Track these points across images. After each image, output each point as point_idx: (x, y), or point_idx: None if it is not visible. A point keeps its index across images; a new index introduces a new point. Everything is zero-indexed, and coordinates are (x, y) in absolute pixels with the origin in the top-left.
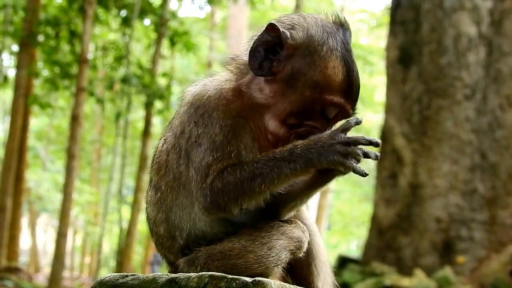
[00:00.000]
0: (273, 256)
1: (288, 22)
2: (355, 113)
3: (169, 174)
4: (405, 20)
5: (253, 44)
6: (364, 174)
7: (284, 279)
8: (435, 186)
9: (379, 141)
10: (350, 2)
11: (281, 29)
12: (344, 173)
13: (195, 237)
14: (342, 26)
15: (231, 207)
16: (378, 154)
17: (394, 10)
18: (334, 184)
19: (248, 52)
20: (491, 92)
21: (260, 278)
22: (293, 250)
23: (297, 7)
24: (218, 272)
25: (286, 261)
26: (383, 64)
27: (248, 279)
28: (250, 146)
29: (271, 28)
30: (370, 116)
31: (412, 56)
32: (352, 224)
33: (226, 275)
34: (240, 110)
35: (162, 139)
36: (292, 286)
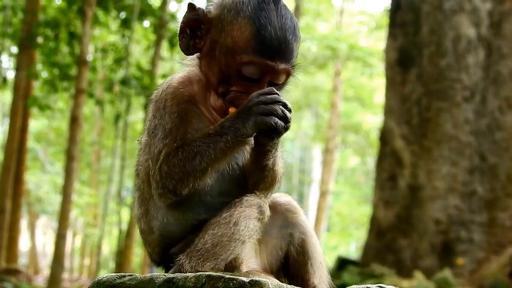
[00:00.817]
0: (243, 229)
1: (212, 1)
2: (289, 68)
3: (143, 172)
4: (404, 22)
5: (179, 27)
6: (284, 128)
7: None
8: (434, 188)
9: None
10: (350, 4)
11: (198, 7)
12: (271, 135)
13: (168, 226)
14: None
15: (180, 188)
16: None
17: (394, 12)
18: (334, 186)
19: (177, 35)
20: (491, 94)
21: (258, 278)
22: (257, 217)
23: (297, 8)
24: (205, 268)
25: (256, 230)
26: (382, 66)
27: (246, 279)
28: (201, 128)
29: (190, 7)
30: (369, 118)
31: (411, 58)
32: (351, 225)
33: (224, 275)
34: (188, 96)
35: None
36: (289, 286)
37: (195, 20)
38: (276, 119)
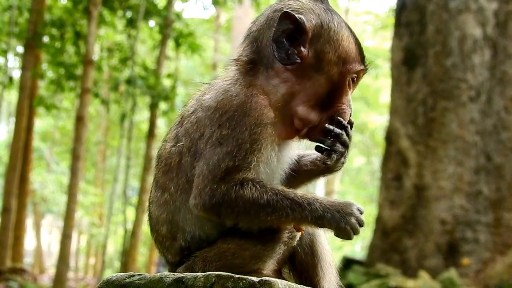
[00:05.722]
0: (268, 250)
1: (293, 8)
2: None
3: (181, 177)
4: (410, 21)
5: (273, 35)
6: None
7: (278, 271)
8: (440, 188)
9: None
10: (355, 4)
11: (296, 15)
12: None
13: (199, 239)
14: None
15: (228, 219)
16: None
17: (399, 11)
18: (339, 186)
19: (272, 44)
20: (496, 94)
21: (267, 278)
22: (286, 241)
23: None
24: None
25: (281, 252)
26: (388, 66)
27: (255, 279)
28: (270, 154)
29: (285, 16)
30: (375, 118)
31: (417, 58)
32: None
33: (233, 274)
34: (270, 119)
35: (171, 141)
36: (298, 286)
37: (292, 29)
38: (352, 235)
